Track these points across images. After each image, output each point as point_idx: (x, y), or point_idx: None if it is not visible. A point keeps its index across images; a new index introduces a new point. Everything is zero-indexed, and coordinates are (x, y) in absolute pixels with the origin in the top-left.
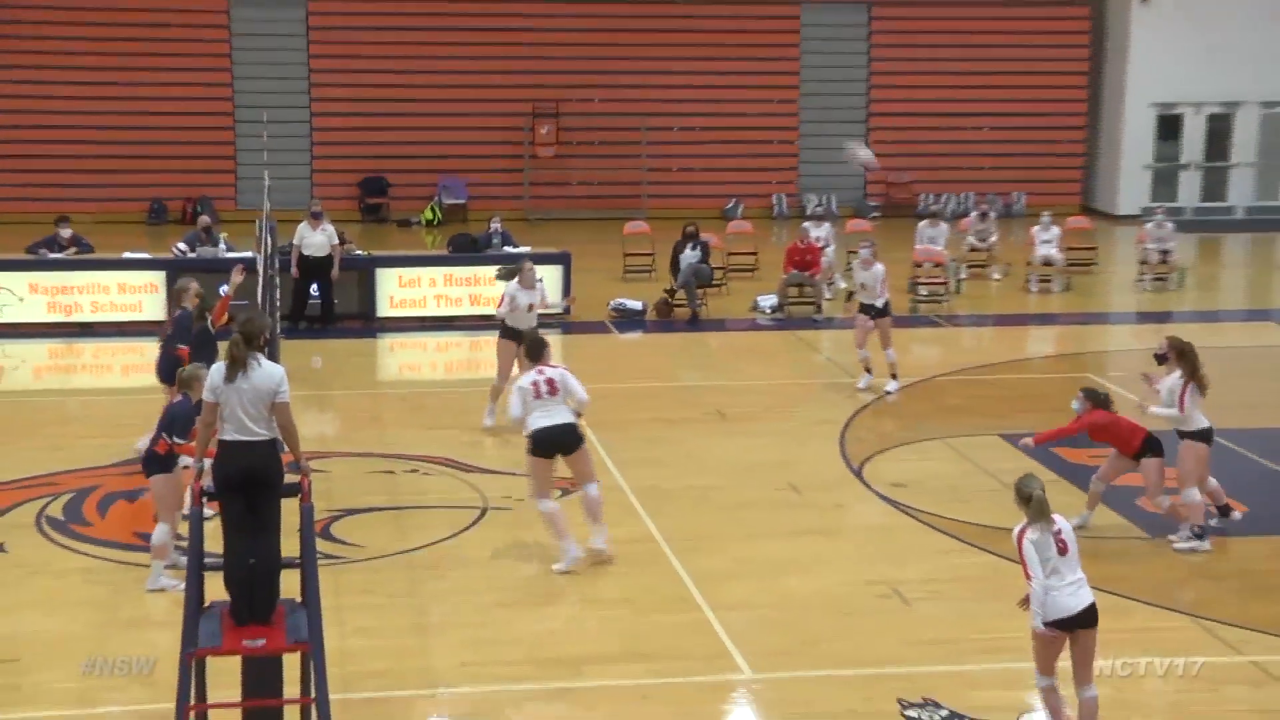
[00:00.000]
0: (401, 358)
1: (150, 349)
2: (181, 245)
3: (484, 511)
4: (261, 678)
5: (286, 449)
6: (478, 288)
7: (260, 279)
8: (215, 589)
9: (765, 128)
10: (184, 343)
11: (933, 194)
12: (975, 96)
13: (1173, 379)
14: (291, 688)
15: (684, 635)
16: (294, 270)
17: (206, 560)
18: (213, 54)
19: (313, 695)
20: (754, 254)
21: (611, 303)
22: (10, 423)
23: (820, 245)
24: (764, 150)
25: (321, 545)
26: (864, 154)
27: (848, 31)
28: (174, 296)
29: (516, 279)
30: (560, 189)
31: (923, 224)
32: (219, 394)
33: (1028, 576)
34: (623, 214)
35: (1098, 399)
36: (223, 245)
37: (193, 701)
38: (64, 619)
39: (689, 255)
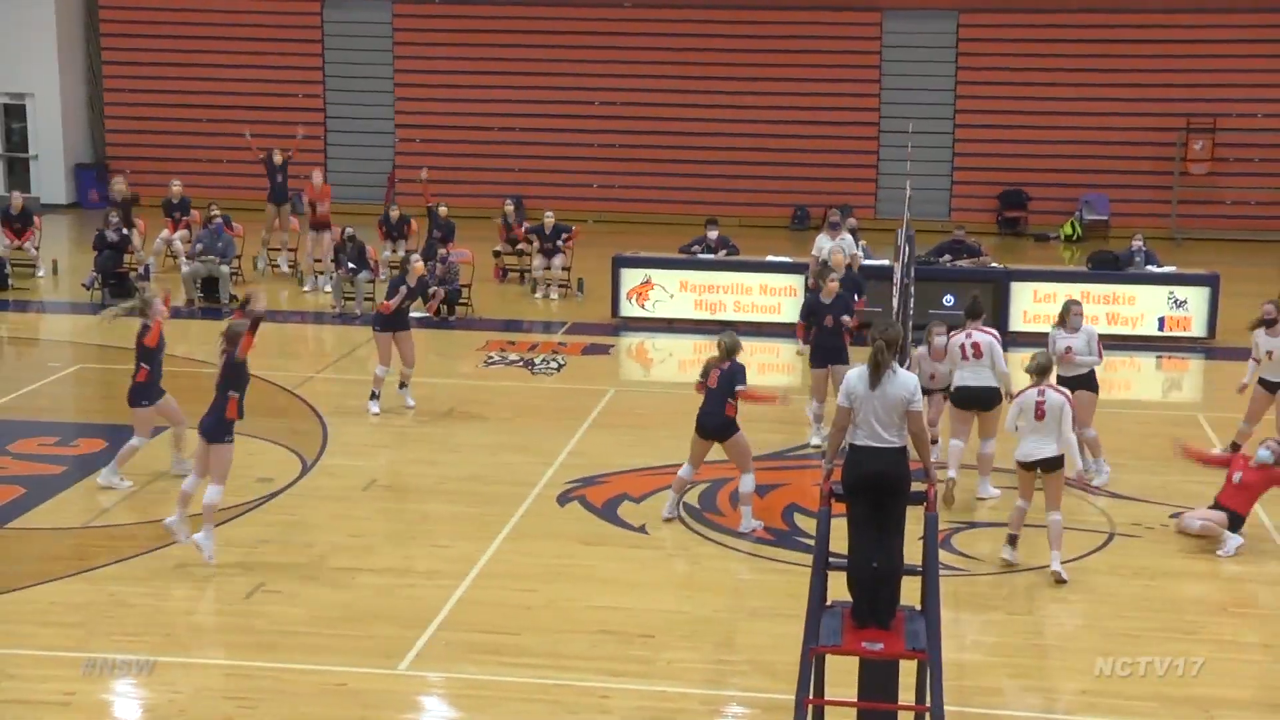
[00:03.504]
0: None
1: (784, 349)
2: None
3: (1111, 537)
4: (878, 681)
5: (915, 456)
6: (1116, 306)
7: (896, 287)
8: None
9: None
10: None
11: None
12: None
13: None
14: (906, 694)
15: None
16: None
17: (831, 560)
18: (863, 65)
19: (928, 704)
20: None
21: None
22: (656, 411)
23: None
24: None
25: (943, 556)
26: None
27: None
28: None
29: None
30: (1212, 208)
31: None
32: (855, 400)
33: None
34: None
35: None
36: (859, 250)
37: (811, 695)
38: (696, 603)
39: None
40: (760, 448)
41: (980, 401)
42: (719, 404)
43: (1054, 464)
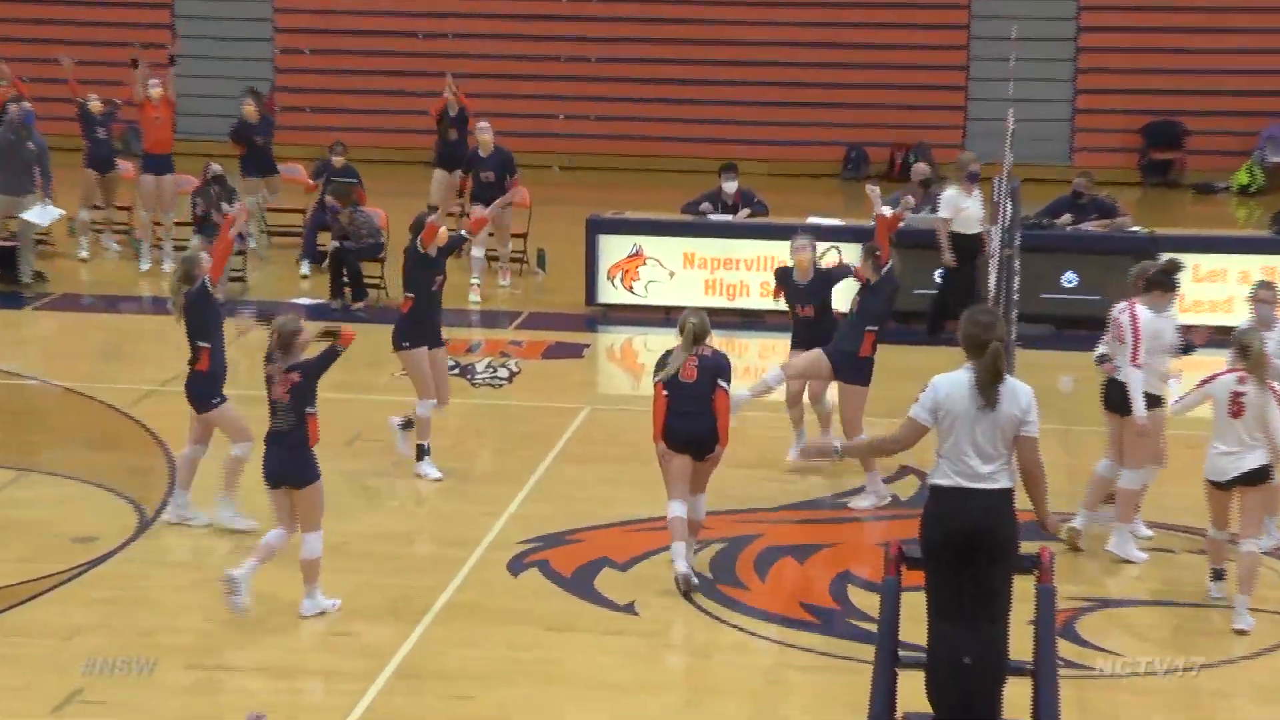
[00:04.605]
0: (1193, 384)
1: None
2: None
3: None
4: None
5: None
6: None
7: (992, 260)
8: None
9: None
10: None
11: None
12: None
13: None
14: None
15: None
16: (946, 253)
17: (902, 653)
18: None
19: None
20: None
21: None
22: (649, 439)
23: None
24: None
25: (1064, 648)
26: None
27: None
28: None
29: None
30: None
31: None
32: (946, 420)
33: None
34: None
35: None
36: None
37: None
38: (706, 712)
39: None
40: (793, 492)
41: (1111, 399)
42: (702, 402)
43: (1258, 477)
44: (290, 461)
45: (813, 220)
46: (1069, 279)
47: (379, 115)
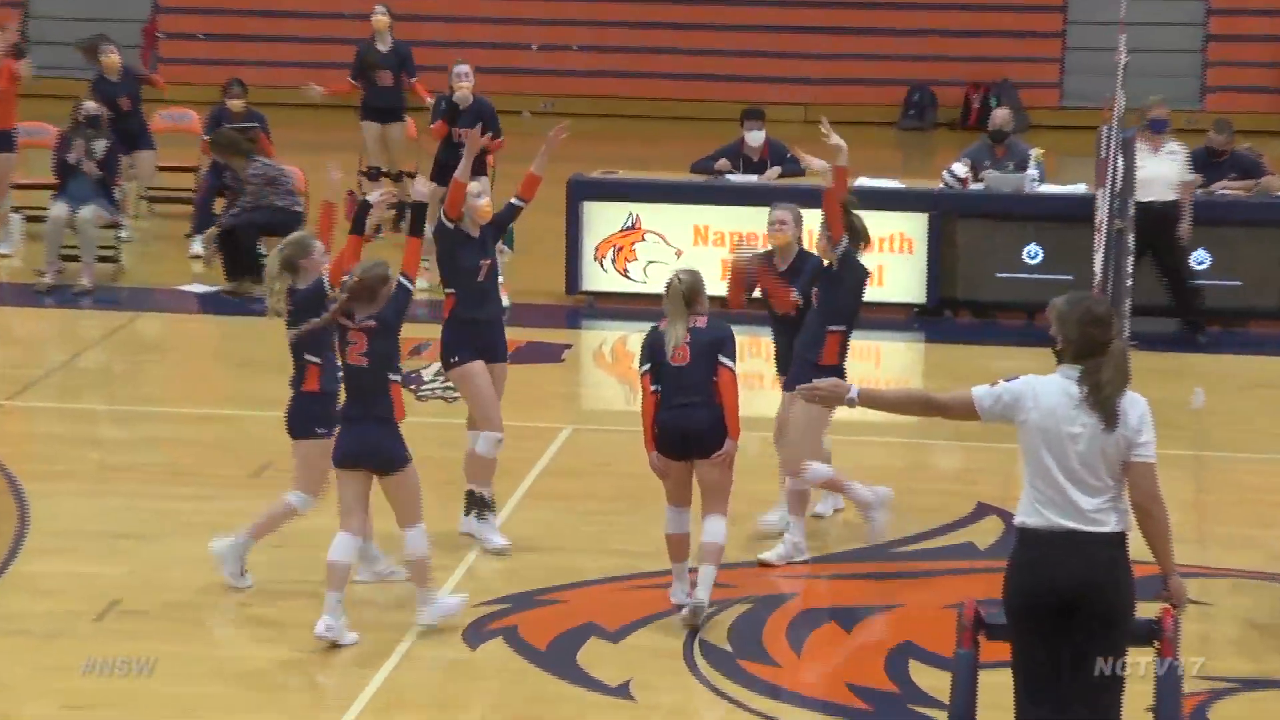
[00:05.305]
0: None
1: (888, 349)
2: (958, 167)
3: None
4: None
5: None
6: None
7: (1098, 232)
8: None
9: None
10: None
11: None
12: None
13: None
14: None
15: None
16: (1185, 223)
17: None
18: None
19: None
20: None
21: None
22: (641, 467)
23: None
24: None
25: None
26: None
27: None
28: None
29: None
30: None
31: None
32: (1025, 430)
33: None
34: None
35: None
36: (1033, 169)
37: None
38: None
39: None
40: (837, 538)
41: None
42: (702, 390)
43: None
44: (374, 440)
45: (863, 183)
46: (1199, 259)
47: (293, 45)
